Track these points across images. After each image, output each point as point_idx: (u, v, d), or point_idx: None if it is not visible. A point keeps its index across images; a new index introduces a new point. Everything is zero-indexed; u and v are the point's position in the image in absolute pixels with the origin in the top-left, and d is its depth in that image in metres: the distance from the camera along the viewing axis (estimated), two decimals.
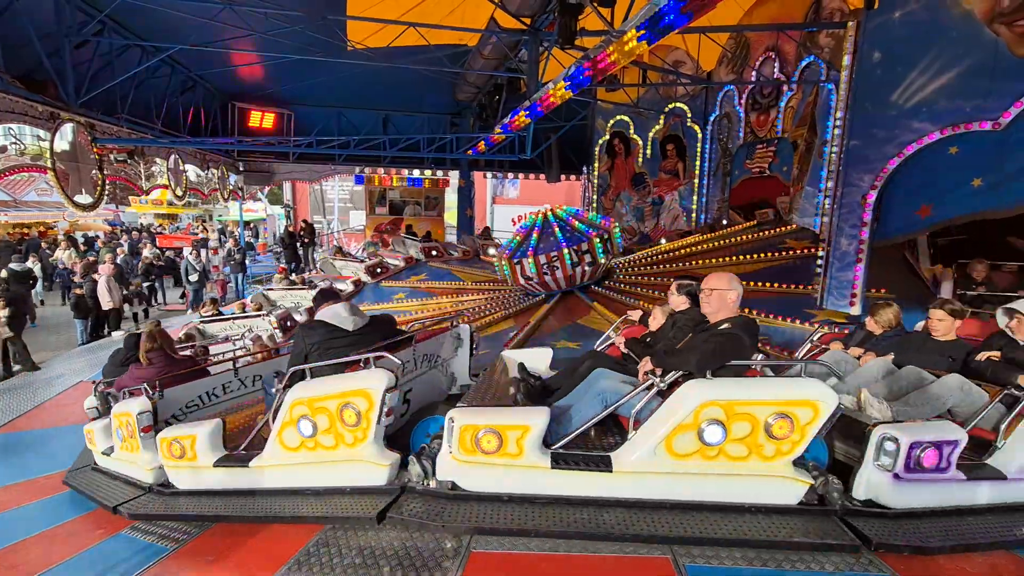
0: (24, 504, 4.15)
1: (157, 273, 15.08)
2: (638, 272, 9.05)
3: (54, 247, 17.45)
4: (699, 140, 12.12)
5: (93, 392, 4.95)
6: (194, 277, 13.35)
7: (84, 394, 5.91)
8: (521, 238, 8.04)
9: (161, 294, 15.19)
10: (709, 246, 9.48)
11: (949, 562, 2.53)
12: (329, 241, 22.83)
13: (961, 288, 6.30)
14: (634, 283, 8.38)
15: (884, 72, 5.59)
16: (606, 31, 5.89)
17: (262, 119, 13.94)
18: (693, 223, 12.40)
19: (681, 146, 12.67)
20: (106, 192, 9.16)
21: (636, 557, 2.58)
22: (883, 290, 6.67)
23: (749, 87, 10.56)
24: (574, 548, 2.65)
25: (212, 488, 3.57)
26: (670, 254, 9.75)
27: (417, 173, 17.51)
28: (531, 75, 8.40)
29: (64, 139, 8.04)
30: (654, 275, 8.71)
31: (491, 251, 11.71)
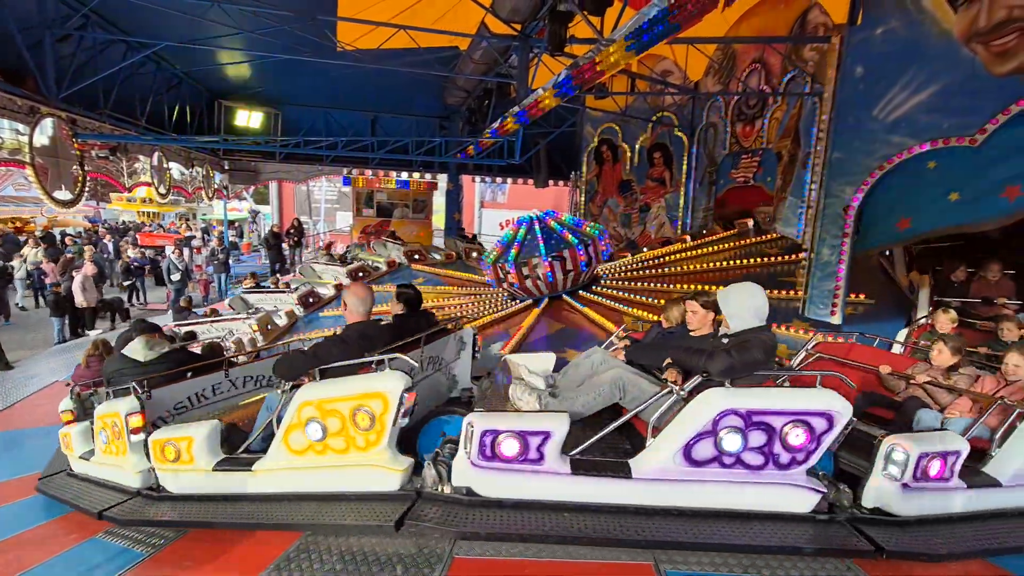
0: None
1: (137, 273, 14.81)
2: (625, 278, 9.12)
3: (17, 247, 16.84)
4: (685, 149, 12.27)
5: (70, 395, 4.79)
6: (176, 277, 13.13)
7: (59, 394, 5.76)
8: (508, 242, 8.06)
9: (142, 294, 14.91)
10: (691, 254, 9.59)
11: (925, 570, 2.58)
12: (316, 242, 22.63)
13: (938, 294, 6.43)
14: (621, 288, 8.44)
15: (866, 86, 5.72)
16: (595, 39, 5.95)
17: (249, 118, 13.79)
18: (679, 230, 12.53)
19: (668, 154, 12.80)
20: (87, 189, 8.98)
21: (618, 563, 2.59)
22: (862, 295, 6.81)
23: (735, 98, 10.73)
24: (557, 554, 2.65)
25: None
26: (654, 261, 9.84)
27: (405, 176, 17.46)
28: (521, 81, 8.44)
29: (44, 134, 7.88)
30: (641, 279, 8.79)
31: (474, 255, 11.67)
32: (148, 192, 15.47)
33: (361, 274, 10.96)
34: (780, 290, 7.32)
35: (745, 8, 9.80)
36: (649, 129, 13.03)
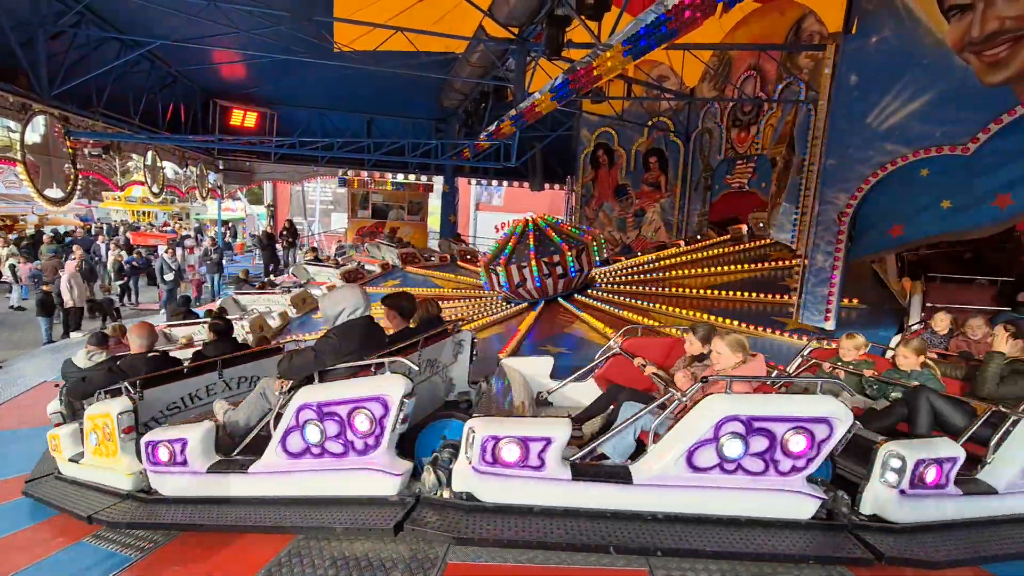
0: None
1: (130, 272, 14.67)
2: (620, 281, 9.13)
3: None
4: (681, 154, 12.33)
5: (59, 396, 4.70)
6: (169, 276, 13.01)
7: (46, 395, 5.67)
8: (500, 245, 8.07)
9: (135, 294, 14.77)
10: (686, 258, 9.63)
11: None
12: (310, 243, 22.55)
13: (930, 301, 6.46)
14: (616, 291, 8.45)
15: (860, 94, 5.75)
16: (593, 44, 5.96)
17: (244, 118, 13.73)
18: (674, 235, 12.58)
19: (664, 159, 12.89)
20: (79, 187, 8.90)
21: (612, 570, 2.58)
22: (855, 300, 6.86)
23: (731, 104, 10.80)
24: (551, 559, 2.63)
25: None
26: (649, 265, 9.86)
27: (401, 178, 17.43)
28: (518, 84, 8.46)
29: (36, 131, 7.81)
30: (636, 283, 8.81)
31: (468, 257, 11.68)
32: (144, 191, 15.35)
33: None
34: (775, 294, 7.36)
35: (741, 15, 9.88)
36: (645, 134, 13.09)
